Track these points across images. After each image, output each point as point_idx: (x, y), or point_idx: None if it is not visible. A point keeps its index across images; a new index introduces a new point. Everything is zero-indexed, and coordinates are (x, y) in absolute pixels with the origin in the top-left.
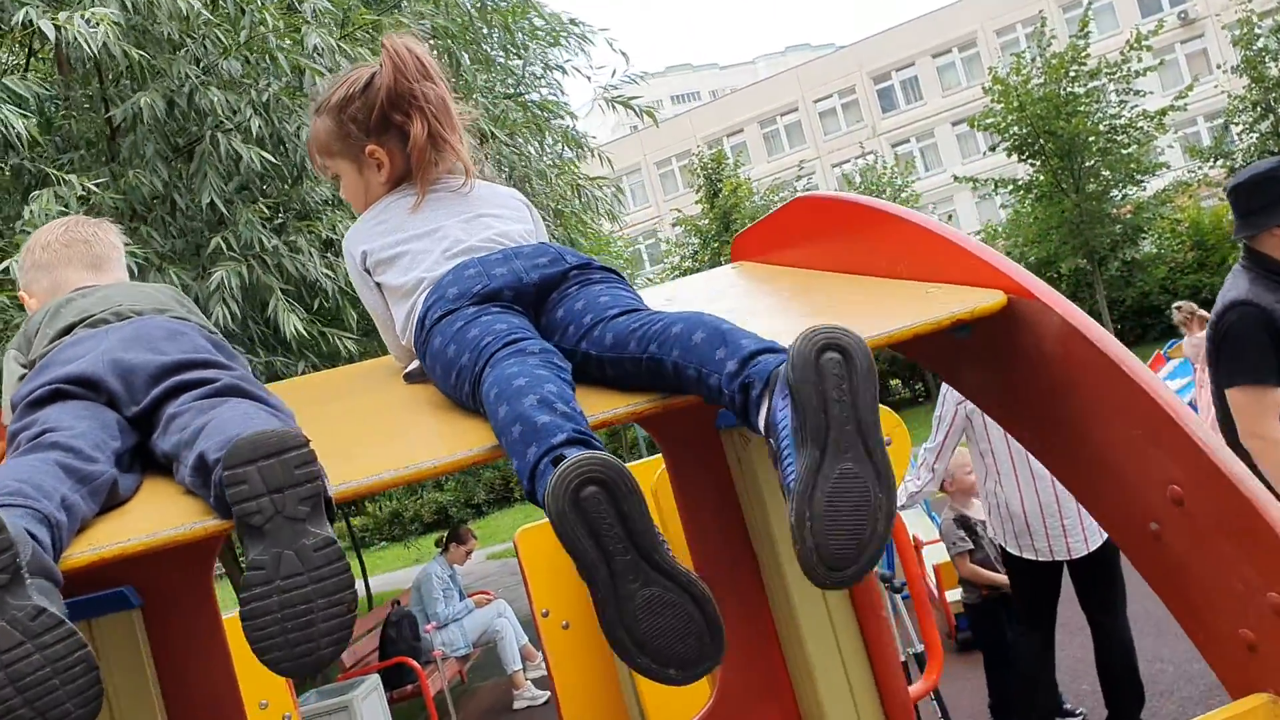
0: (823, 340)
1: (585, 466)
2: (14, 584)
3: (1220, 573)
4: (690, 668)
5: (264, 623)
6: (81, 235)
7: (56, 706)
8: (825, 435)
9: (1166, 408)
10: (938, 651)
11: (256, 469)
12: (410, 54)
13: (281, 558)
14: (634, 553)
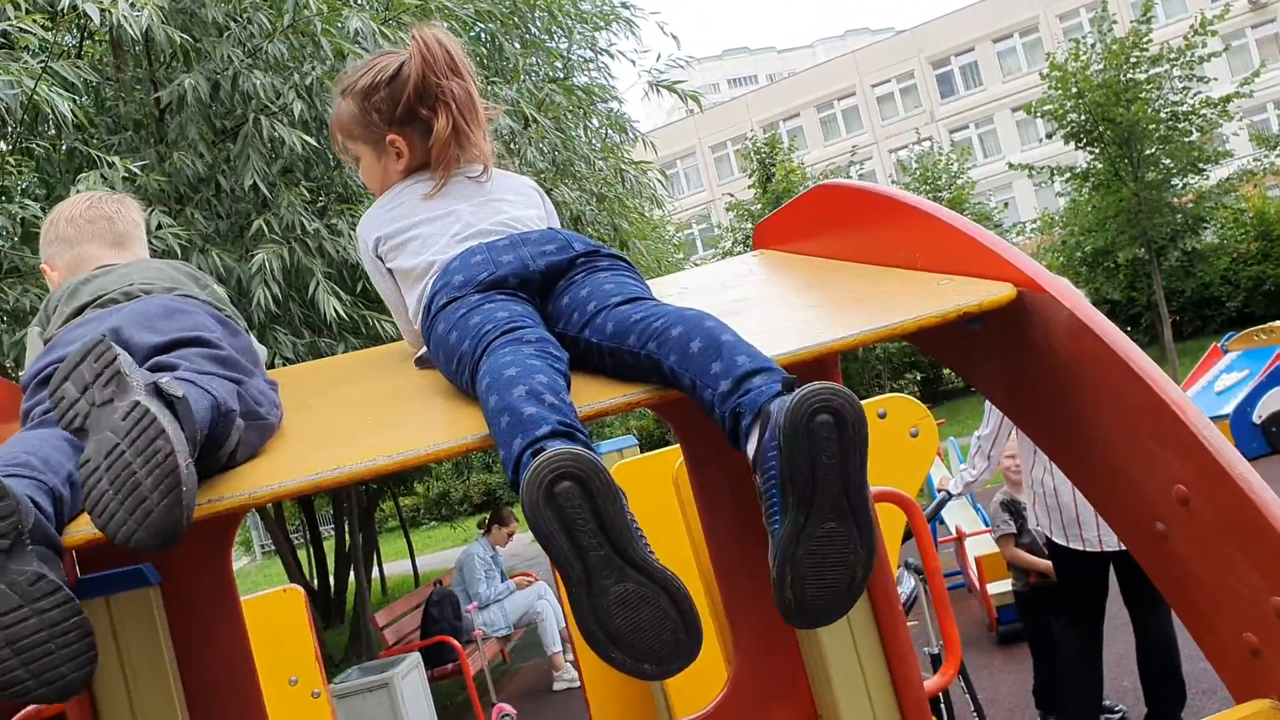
0: (816, 404)
1: (559, 461)
2: (15, 549)
3: (1225, 575)
4: (665, 663)
5: (104, 503)
6: (104, 212)
7: (52, 669)
8: (812, 498)
9: (1174, 406)
10: (955, 647)
11: (69, 381)
12: (440, 48)
13: (100, 442)
14: (608, 548)
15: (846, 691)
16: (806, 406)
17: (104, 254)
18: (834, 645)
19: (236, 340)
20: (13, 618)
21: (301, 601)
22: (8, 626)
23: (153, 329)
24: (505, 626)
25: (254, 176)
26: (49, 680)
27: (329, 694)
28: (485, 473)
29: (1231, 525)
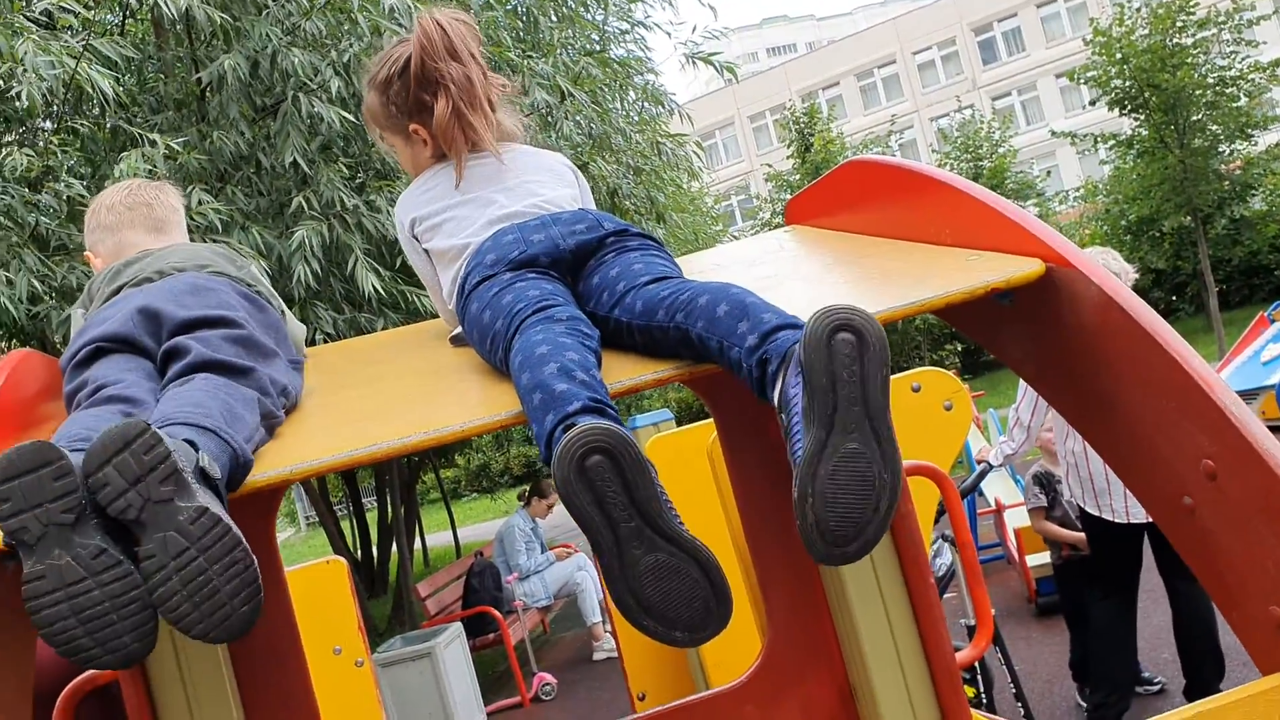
0: (836, 321)
1: (590, 435)
2: (80, 523)
3: (1252, 550)
4: (695, 631)
5: (174, 604)
6: (143, 199)
7: (115, 639)
8: (832, 414)
9: (1201, 381)
10: (987, 619)
11: (113, 467)
12: (439, 31)
13: (167, 541)
14: (638, 519)
15: (879, 661)
16: (827, 324)
17: (144, 239)
18: (866, 615)
19: (264, 317)
20: (78, 589)
21: (344, 572)
22: (74, 597)
23: (180, 304)
24: (545, 597)
25: (294, 154)
26: (113, 649)
27: (372, 663)
28: (525, 445)
29: (1259, 500)
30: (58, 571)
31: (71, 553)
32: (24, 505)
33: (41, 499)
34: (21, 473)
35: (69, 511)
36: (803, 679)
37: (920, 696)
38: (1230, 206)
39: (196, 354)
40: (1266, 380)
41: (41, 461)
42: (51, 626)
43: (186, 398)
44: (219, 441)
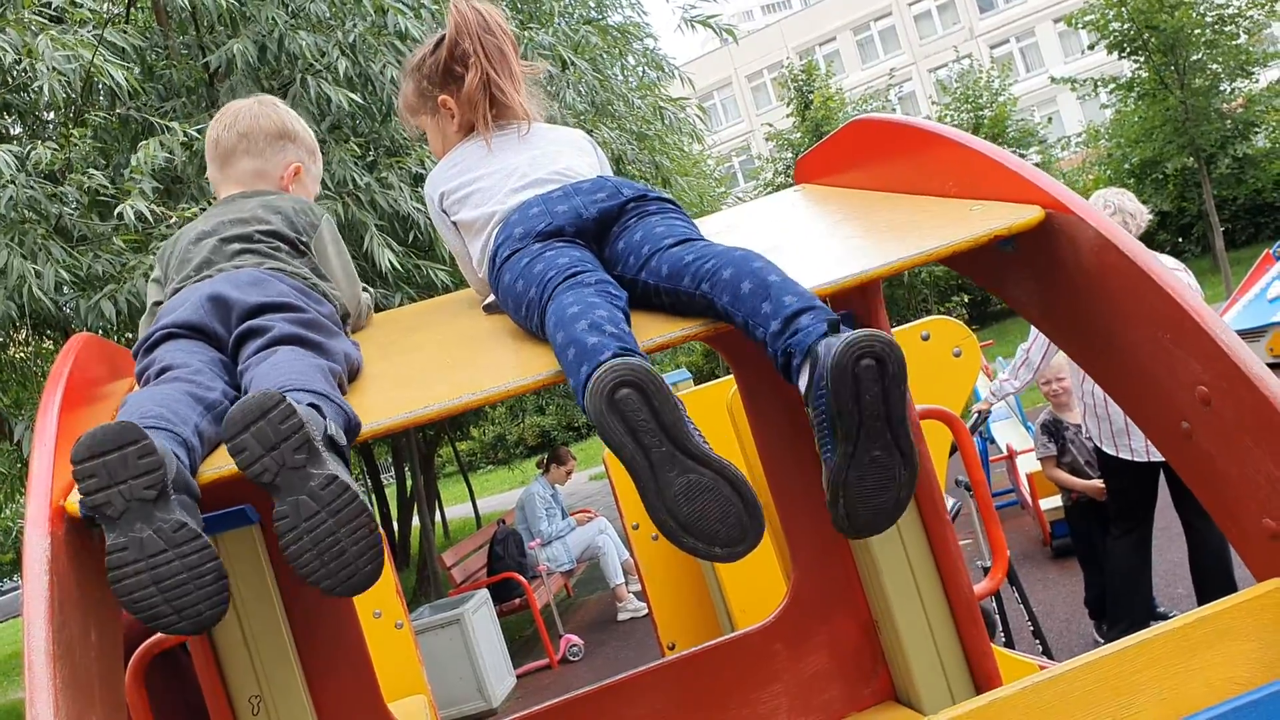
0: (859, 350)
1: (618, 371)
2: (161, 499)
3: (1246, 467)
4: (733, 545)
5: (304, 561)
6: (213, 131)
7: (191, 606)
8: (858, 430)
9: (1192, 313)
10: (1002, 552)
11: (251, 435)
12: (474, 11)
13: (299, 504)
14: (669, 444)
15: (900, 596)
16: (851, 352)
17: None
18: (886, 554)
19: (320, 307)
20: (159, 559)
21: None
22: (155, 568)
23: (244, 293)
24: (568, 561)
25: None
26: (189, 615)
27: (410, 625)
28: (539, 415)
29: (1249, 421)
30: (139, 544)
31: (154, 526)
32: (109, 481)
33: (126, 476)
34: (106, 451)
35: (151, 488)
36: (828, 616)
37: (940, 627)
38: (1233, 145)
39: (279, 330)
40: (1273, 317)
41: (127, 440)
42: (132, 595)
43: (289, 367)
44: (334, 407)
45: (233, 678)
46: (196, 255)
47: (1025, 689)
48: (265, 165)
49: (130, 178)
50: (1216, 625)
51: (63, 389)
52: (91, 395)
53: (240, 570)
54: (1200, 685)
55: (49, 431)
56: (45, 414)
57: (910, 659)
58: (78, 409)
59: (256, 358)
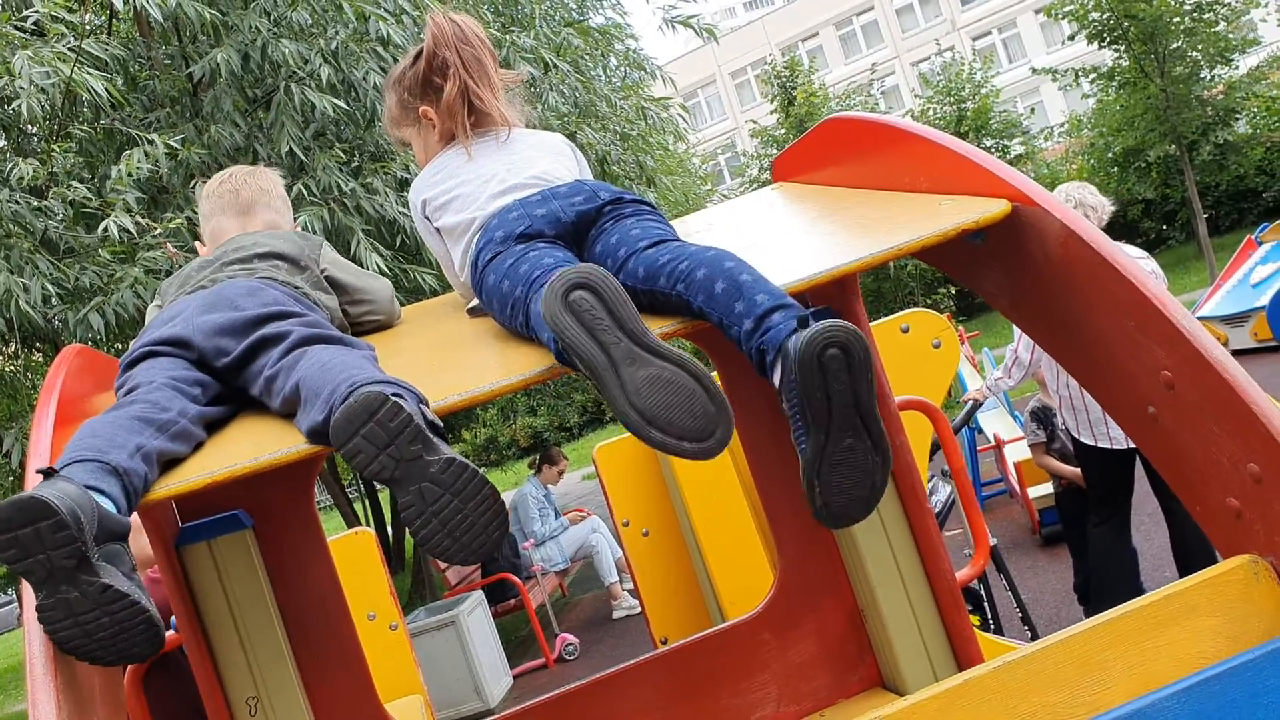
0: (825, 341)
1: (570, 275)
2: (83, 565)
3: (1209, 449)
4: (703, 438)
5: (436, 541)
6: (232, 185)
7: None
8: (829, 420)
9: (1154, 300)
10: (983, 538)
11: (363, 437)
12: (451, 24)
13: (423, 491)
14: (627, 340)
15: (884, 584)
16: (817, 343)
17: (232, 224)
18: (870, 543)
19: (315, 315)
20: (87, 618)
21: (372, 542)
22: (85, 625)
23: (236, 307)
24: (562, 561)
25: (289, 142)
26: (126, 657)
27: (405, 626)
28: (530, 416)
29: (1211, 404)
30: (67, 604)
31: (79, 589)
32: (27, 553)
33: (42, 549)
34: (20, 526)
35: (70, 557)
36: (815, 605)
37: (924, 613)
38: (1214, 132)
39: (299, 333)
40: (1256, 302)
41: (38, 516)
42: (70, 644)
43: (344, 362)
44: (409, 392)
45: (230, 679)
46: (196, 278)
47: (998, 668)
48: (280, 220)
49: (114, 189)
50: (1183, 602)
51: (56, 401)
52: (83, 408)
53: (235, 574)
54: (1168, 660)
55: (44, 443)
56: (40, 425)
57: (896, 646)
58: (70, 422)
59: (288, 360)
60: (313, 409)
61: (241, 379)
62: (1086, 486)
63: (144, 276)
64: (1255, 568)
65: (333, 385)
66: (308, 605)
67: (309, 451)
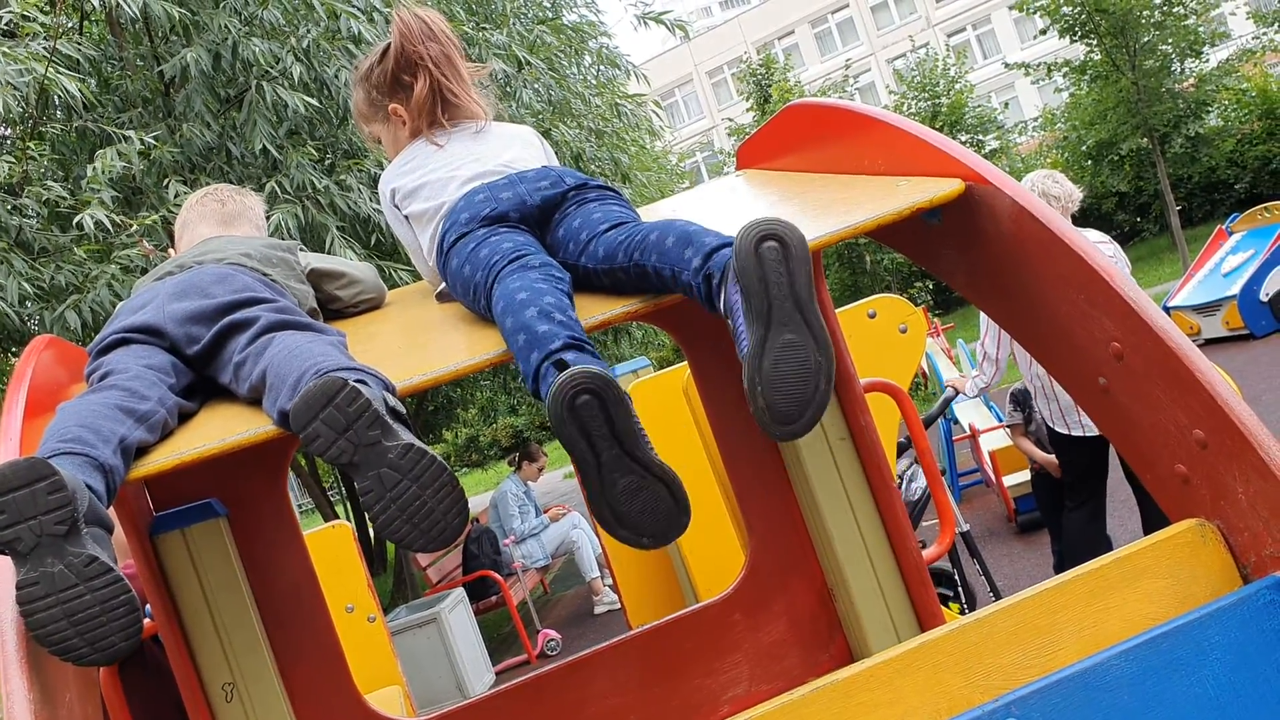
0: (760, 232)
1: (578, 379)
2: (72, 534)
3: (1157, 417)
4: (660, 537)
5: (395, 528)
6: (217, 197)
7: (104, 639)
8: (769, 312)
9: (1103, 273)
10: (949, 517)
11: (322, 421)
12: (417, 20)
13: (381, 476)
14: (618, 448)
15: (852, 562)
16: (754, 235)
17: (211, 231)
18: (838, 523)
19: (284, 300)
20: (70, 594)
21: (350, 535)
22: (66, 602)
23: (206, 294)
24: (543, 557)
25: (262, 141)
26: (102, 648)
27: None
28: (511, 416)
29: (1158, 373)
30: (50, 578)
31: (64, 561)
32: (18, 517)
33: (35, 512)
34: (15, 487)
35: (62, 523)
36: (784, 585)
37: (892, 591)
38: (1186, 125)
39: (266, 319)
40: (1227, 291)
41: (35, 477)
42: (45, 628)
43: (310, 349)
44: (373, 378)
45: (205, 666)
46: (167, 268)
47: (953, 630)
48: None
49: (89, 188)
50: (1132, 565)
51: (26, 391)
52: (54, 397)
53: (209, 563)
54: (1117, 621)
55: (13, 433)
56: (9, 414)
57: (865, 624)
58: (40, 413)
59: (256, 346)
60: (279, 395)
61: (211, 367)
62: (1062, 472)
63: (120, 274)
64: (1202, 531)
65: (299, 371)
66: (283, 593)
67: (274, 433)
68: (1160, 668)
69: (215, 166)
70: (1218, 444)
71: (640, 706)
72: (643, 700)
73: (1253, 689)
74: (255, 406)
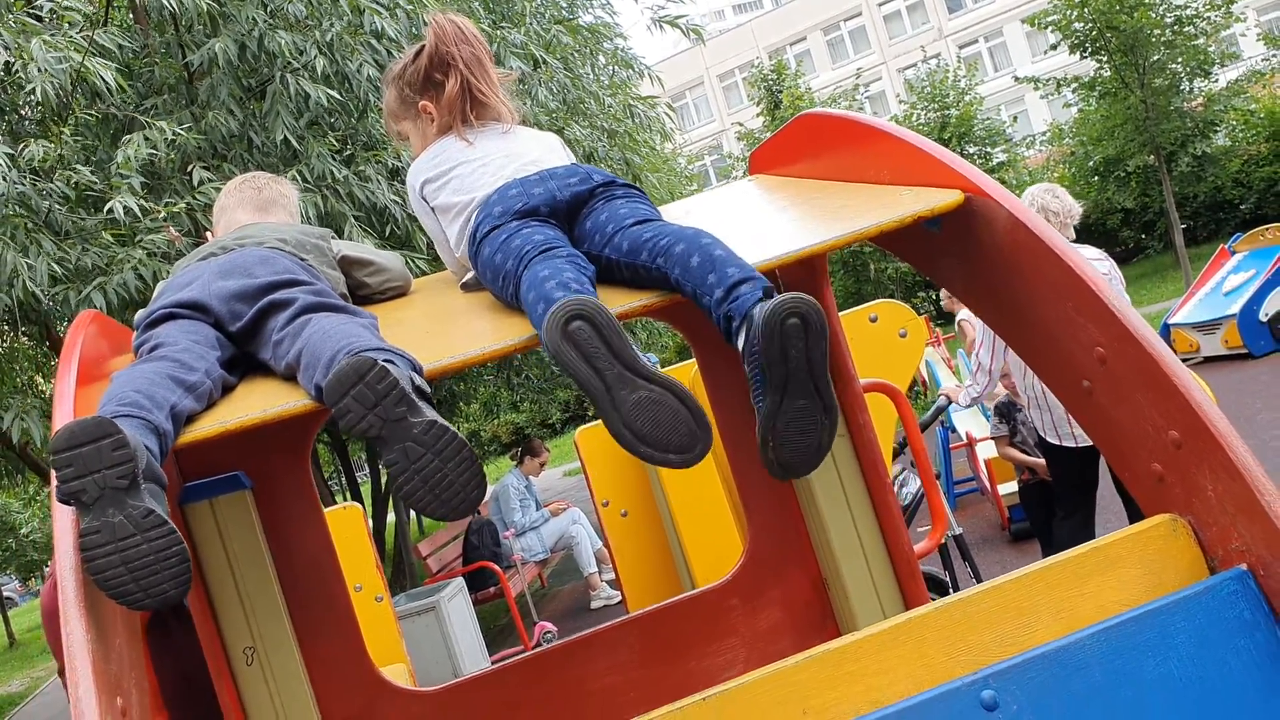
0: (786, 311)
1: (570, 305)
2: (132, 488)
3: (1136, 418)
4: (686, 451)
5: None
6: (254, 184)
7: (157, 586)
8: (785, 382)
9: (1091, 284)
10: (940, 513)
11: (352, 398)
12: (451, 24)
13: (406, 449)
14: (619, 366)
15: (846, 555)
16: (780, 312)
17: (248, 217)
18: (834, 517)
19: (321, 284)
20: (128, 543)
21: (360, 516)
22: (124, 550)
23: (250, 274)
24: (542, 551)
25: (284, 131)
26: (155, 594)
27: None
28: (513, 413)
29: (1139, 377)
30: (111, 528)
31: (124, 512)
32: (84, 471)
33: (100, 466)
34: (83, 443)
35: (124, 478)
36: (781, 574)
37: (883, 583)
38: (1193, 144)
39: (303, 301)
40: (1228, 310)
41: (102, 434)
42: (104, 574)
43: (344, 330)
44: (402, 358)
45: (228, 630)
46: (209, 250)
47: (938, 608)
48: (294, 221)
49: (118, 173)
50: (1108, 555)
51: (77, 361)
52: (99, 368)
53: (235, 533)
54: (1092, 606)
55: (67, 401)
56: (63, 380)
57: (856, 612)
58: (90, 381)
59: (294, 326)
60: (315, 372)
61: (252, 344)
62: (1052, 483)
63: (145, 259)
64: (1174, 525)
65: (333, 350)
66: (303, 566)
67: (311, 407)
68: (1129, 649)
69: (236, 155)
70: (1191, 445)
71: (638, 686)
72: (640, 680)
73: (1214, 671)
74: (292, 382)
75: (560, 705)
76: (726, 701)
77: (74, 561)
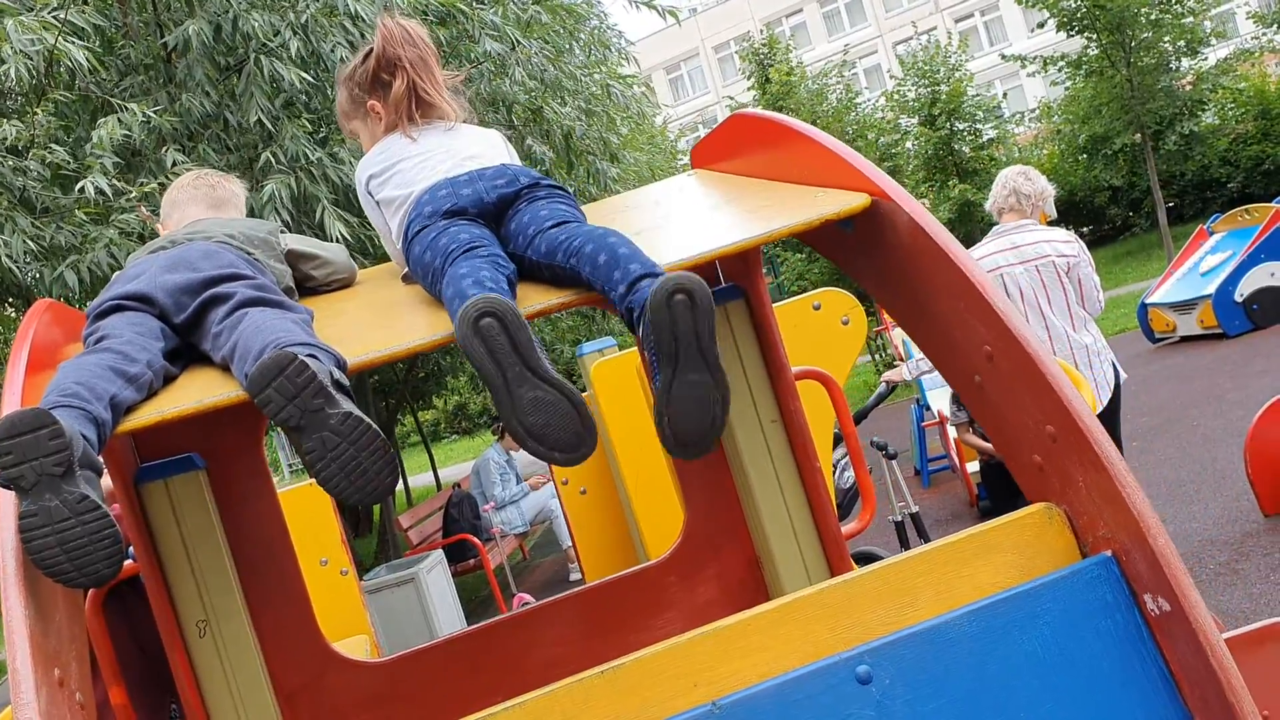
0: (672, 287)
1: (482, 302)
2: (67, 475)
3: (1019, 411)
4: (570, 451)
5: (335, 483)
6: (208, 181)
7: (91, 565)
8: (676, 357)
9: (979, 285)
10: (870, 495)
11: (274, 389)
12: (399, 27)
13: (324, 439)
14: (521, 365)
15: (778, 536)
16: (666, 289)
17: (201, 213)
18: (766, 498)
19: (263, 278)
20: (64, 525)
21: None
22: (60, 532)
23: (193, 268)
24: (522, 524)
25: (258, 112)
26: (89, 573)
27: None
28: None
29: (1020, 375)
30: (48, 511)
31: (60, 497)
32: (22, 458)
33: (37, 454)
34: (21, 432)
35: (60, 465)
36: (717, 553)
37: (813, 561)
38: (1180, 122)
39: (241, 295)
40: (1203, 290)
41: (39, 424)
42: (41, 554)
43: (274, 325)
44: (325, 353)
45: (182, 605)
46: (159, 244)
47: (823, 590)
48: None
49: (92, 154)
50: (985, 540)
51: (28, 350)
52: (53, 356)
53: (188, 512)
54: (969, 587)
55: (16, 388)
56: (13, 370)
57: (786, 588)
58: (41, 369)
59: (230, 320)
60: (245, 364)
61: (195, 335)
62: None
63: (118, 238)
64: (1050, 513)
65: (261, 345)
66: (255, 542)
67: (243, 398)
68: (999, 628)
69: (213, 134)
70: (1065, 439)
71: (579, 657)
72: (582, 651)
73: (1078, 649)
74: (229, 373)
75: (505, 675)
76: (622, 674)
77: (14, 543)
